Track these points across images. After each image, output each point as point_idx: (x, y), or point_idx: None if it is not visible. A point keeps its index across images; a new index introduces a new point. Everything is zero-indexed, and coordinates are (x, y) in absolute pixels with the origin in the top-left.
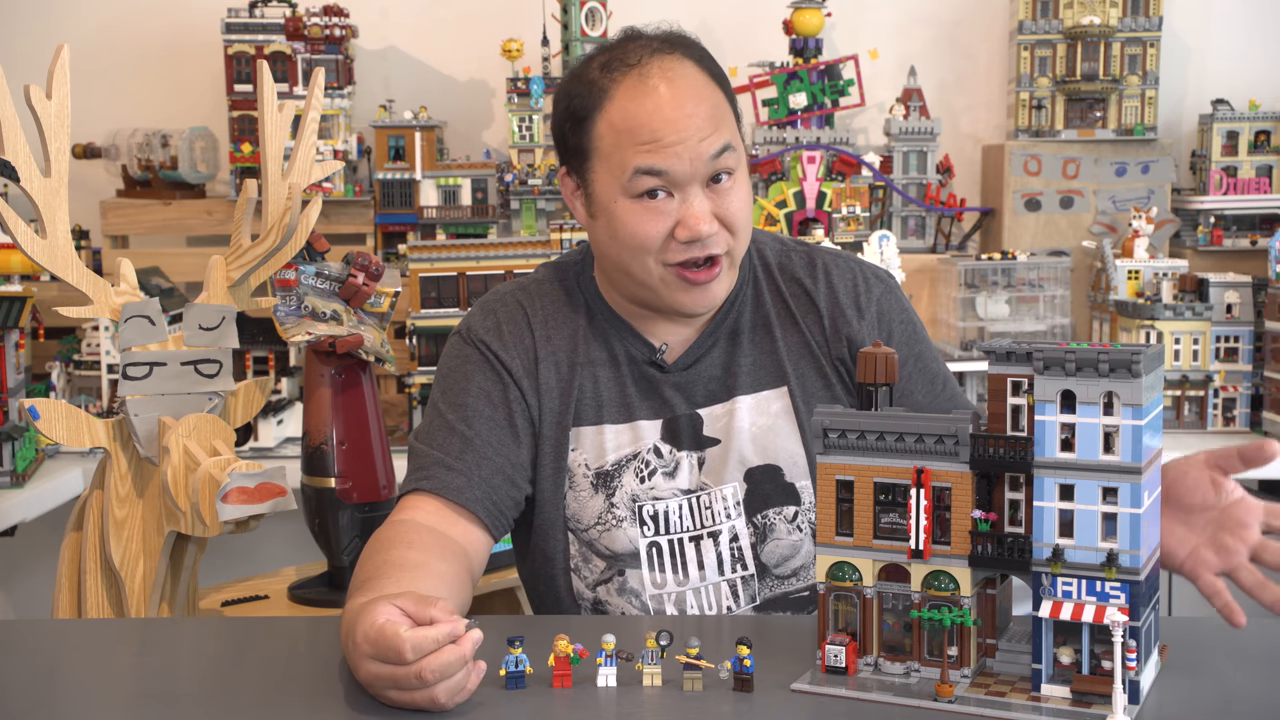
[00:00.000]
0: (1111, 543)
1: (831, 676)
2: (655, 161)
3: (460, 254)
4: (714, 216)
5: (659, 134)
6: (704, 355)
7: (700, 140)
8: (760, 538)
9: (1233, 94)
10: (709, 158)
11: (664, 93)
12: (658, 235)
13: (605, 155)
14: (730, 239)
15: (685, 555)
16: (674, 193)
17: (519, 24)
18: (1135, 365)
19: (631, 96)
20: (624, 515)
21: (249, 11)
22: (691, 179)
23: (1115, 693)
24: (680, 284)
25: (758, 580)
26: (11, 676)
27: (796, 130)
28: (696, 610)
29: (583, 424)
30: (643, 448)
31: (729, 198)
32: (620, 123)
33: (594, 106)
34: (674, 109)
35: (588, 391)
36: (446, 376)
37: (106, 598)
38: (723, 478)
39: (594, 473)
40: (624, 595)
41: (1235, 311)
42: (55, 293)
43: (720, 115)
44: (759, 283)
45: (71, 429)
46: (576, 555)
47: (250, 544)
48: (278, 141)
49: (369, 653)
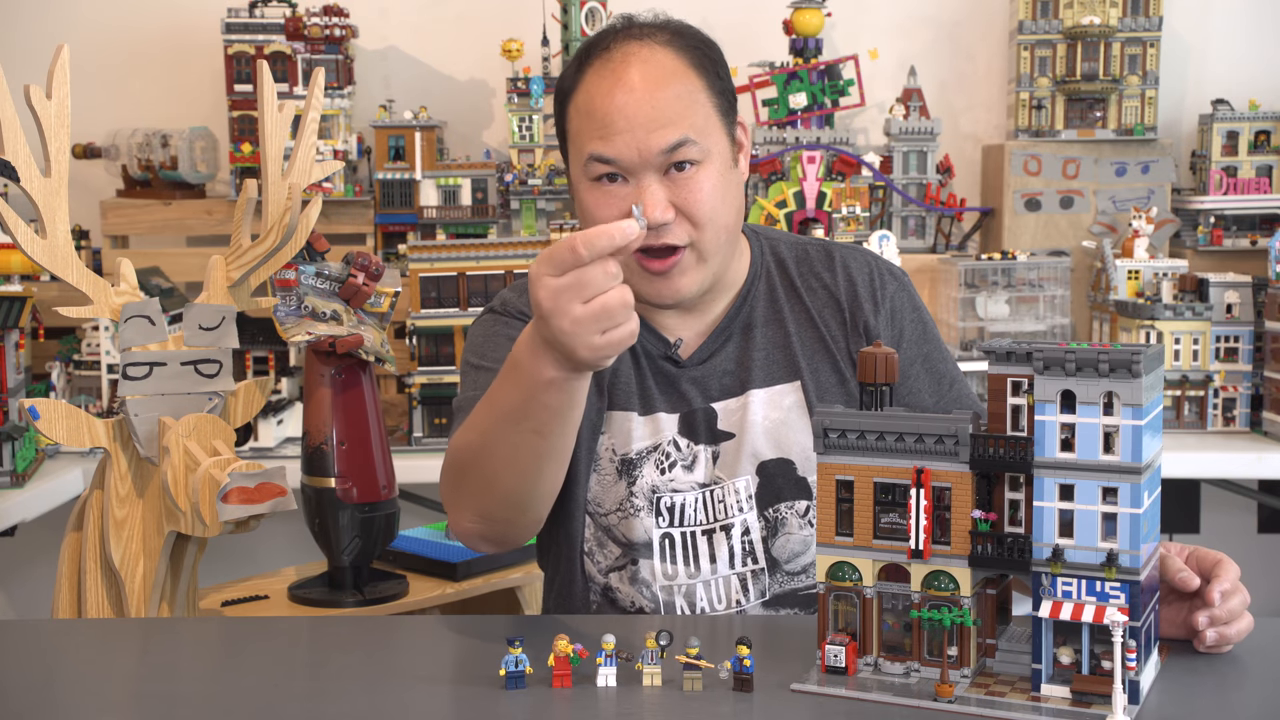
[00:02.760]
0: (1111, 543)
1: (831, 676)
2: (603, 149)
3: (460, 254)
4: (671, 205)
5: (609, 120)
6: (718, 350)
7: (651, 131)
8: (771, 531)
9: (1233, 94)
10: (661, 150)
11: (621, 79)
12: (612, 219)
13: (573, 138)
14: (693, 230)
15: (697, 548)
16: (628, 178)
17: (519, 24)
18: (1135, 365)
19: (595, 81)
20: (642, 505)
21: (249, 11)
22: (643, 167)
23: (1115, 693)
24: (642, 273)
25: (768, 575)
26: (11, 676)
27: (796, 130)
28: (706, 603)
29: (614, 408)
30: (663, 439)
31: (689, 187)
32: (584, 106)
33: (570, 89)
34: (626, 95)
35: (620, 377)
36: (484, 343)
37: (106, 598)
38: (736, 471)
39: (619, 459)
40: (635, 585)
41: (1235, 311)
42: (55, 293)
43: (684, 106)
44: (771, 277)
45: (71, 429)
46: (591, 539)
47: (250, 544)
48: (278, 141)
49: (544, 271)
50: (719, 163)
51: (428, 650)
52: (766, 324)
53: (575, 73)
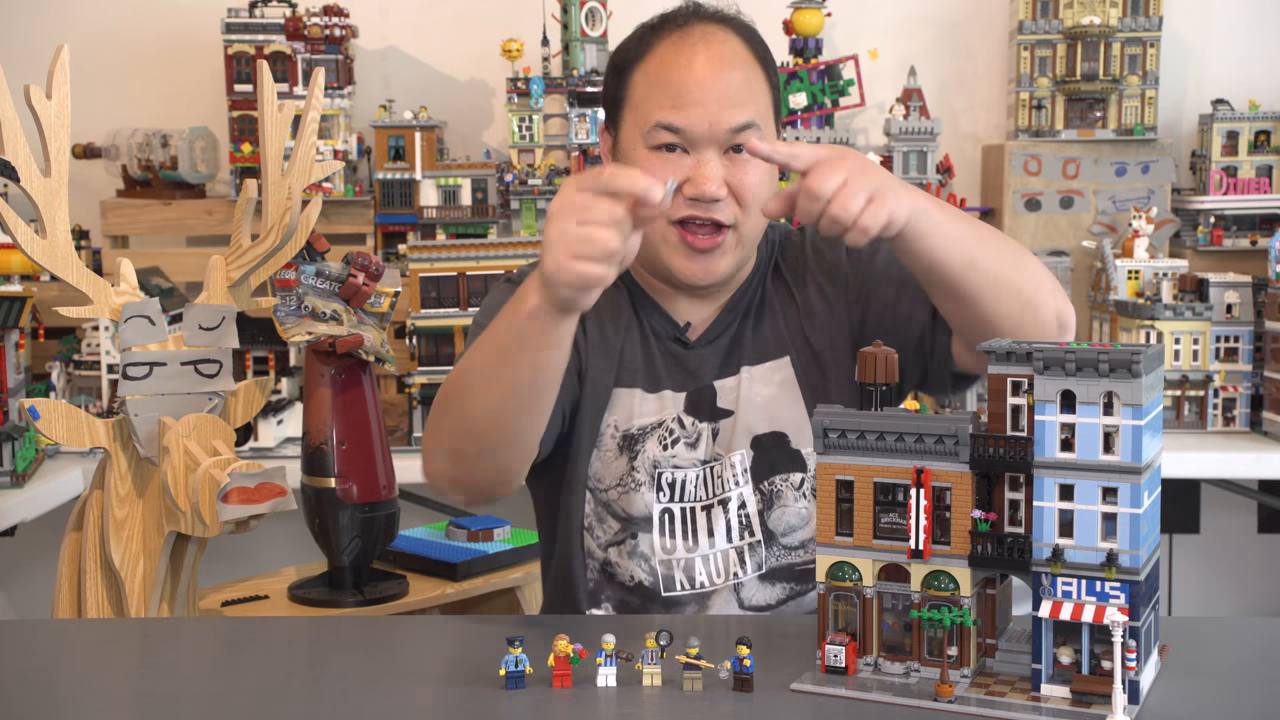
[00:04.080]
0: (1111, 543)
1: (831, 676)
2: (675, 118)
3: (460, 254)
4: (725, 183)
5: (685, 90)
6: (723, 332)
7: (724, 107)
8: (767, 504)
9: (1233, 94)
10: (729, 128)
11: (699, 53)
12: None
13: (635, 104)
14: (739, 212)
15: (696, 523)
16: (690, 151)
17: (519, 24)
18: (1135, 365)
19: (669, 52)
20: (643, 480)
21: (249, 11)
22: (708, 142)
23: (1115, 693)
24: (681, 246)
25: (764, 548)
26: (11, 676)
27: (796, 130)
28: (705, 577)
29: (621, 385)
30: (667, 417)
31: (745, 169)
32: (654, 74)
33: (635, 58)
34: (705, 69)
35: (628, 355)
36: (494, 307)
37: (106, 598)
38: (732, 446)
39: (621, 435)
40: (634, 559)
41: (1235, 311)
42: (55, 293)
43: (752, 92)
44: (775, 261)
45: (71, 429)
46: (591, 515)
47: (250, 544)
48: (278, 141)
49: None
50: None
51: (428, 650)
52: (761, 305)
53: (643, 43)
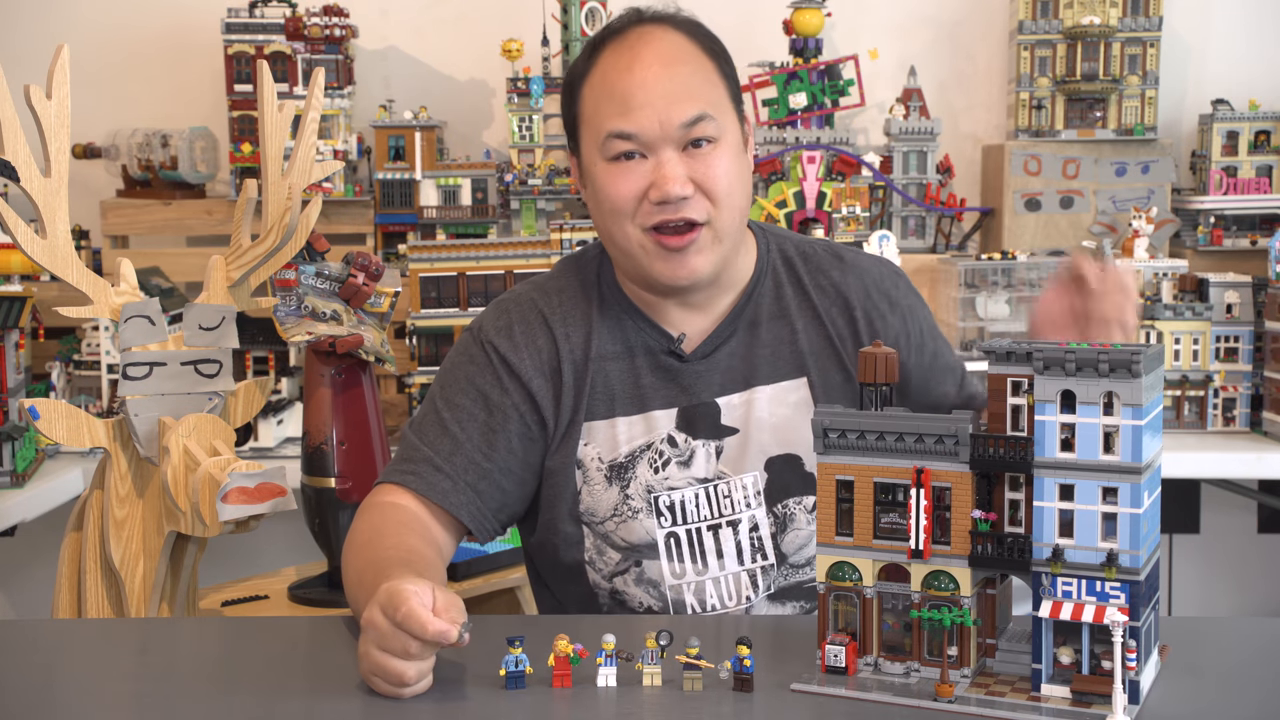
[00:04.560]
0: (1111, 543)
1: (831, 676)
2: (623, 124)
3: (460, 254)
4: (689, 180)
5: (630, 94)
6: (722, 344)
7: (671, 104)
8: (780, 527)
9: (1233, 94)
10: (680, 123)
11: (639, 55)
12: (630, 195)
13: (588, 120)
14: (710, 207)
15: (704, 545)
16: (647, 155)
17: (519, 24)
18: (1135, 365)
19: (610, 60)
20: (640, 506)
21: (249, 11)
22: (662, 141)
23: (1115, 693)
24: (658, 251)
25: (776, 569)
26: (11, 676)
27: (796, 130)
28: (716, 600)
29: (594, 418)
30: (656, 438)
31: (708, 163)
32: (599, 86)
33: (583, 74)
34: (646, 71)
35: (599, 386)
36: (449, 372)
37: (106, 598)
38: (742, 467)
39: (607, 465)
40: (641, 585)
41: (1235, 311)
42: (55, 293)
43: (701, 83)
44: (778, 274)
45: (71, 429)
46: (591, 548)
47: (250, 544)
48: (278, 141)
49: (380, 601)
50: (733, 144)
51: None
52: (772, 320)
53: (587, 60)
